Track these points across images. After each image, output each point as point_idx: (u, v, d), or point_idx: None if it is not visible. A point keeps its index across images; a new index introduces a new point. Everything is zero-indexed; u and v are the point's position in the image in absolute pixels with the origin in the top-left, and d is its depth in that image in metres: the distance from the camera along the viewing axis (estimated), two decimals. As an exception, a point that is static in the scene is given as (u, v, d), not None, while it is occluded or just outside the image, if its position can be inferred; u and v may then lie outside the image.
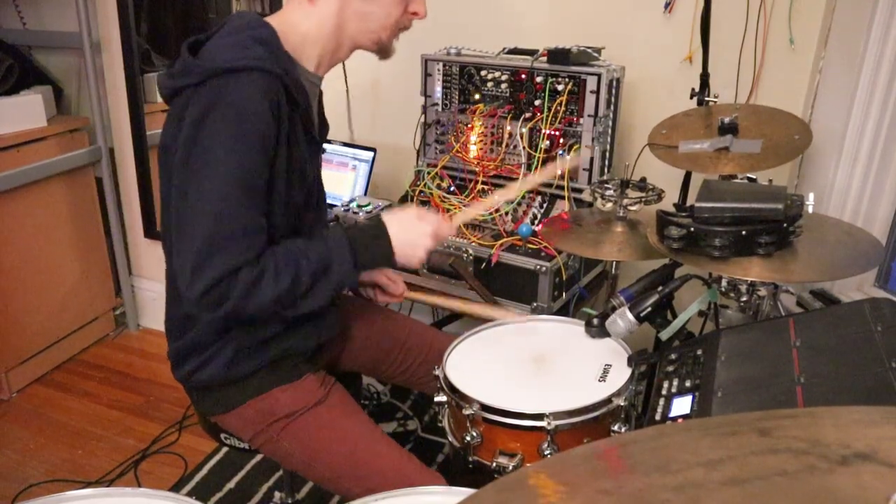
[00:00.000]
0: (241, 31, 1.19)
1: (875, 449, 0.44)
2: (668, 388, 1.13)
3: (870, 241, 1.35)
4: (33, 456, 2.25)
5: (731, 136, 1.63)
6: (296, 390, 1.35)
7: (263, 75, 1.14)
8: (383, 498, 1.01)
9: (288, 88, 1.18)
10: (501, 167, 1.98)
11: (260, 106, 1.12)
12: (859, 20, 1.69)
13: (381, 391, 2.38)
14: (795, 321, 1.14)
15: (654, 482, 0.44)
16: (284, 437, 1.33)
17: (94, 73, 2.60)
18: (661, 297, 1.27)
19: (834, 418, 0.49)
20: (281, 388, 1.35)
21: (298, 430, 1.32)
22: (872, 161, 1.75)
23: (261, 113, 1.12)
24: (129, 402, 2.53)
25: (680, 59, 2.03)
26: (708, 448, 0.47)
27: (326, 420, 1.34)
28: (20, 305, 2.56)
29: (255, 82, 1.13)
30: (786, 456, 0.44)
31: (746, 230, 1.23)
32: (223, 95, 1.11)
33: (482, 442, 1.23)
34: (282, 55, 1.19)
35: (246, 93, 1.12)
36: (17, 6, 2.79)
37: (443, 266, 1.86)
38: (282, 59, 1.18)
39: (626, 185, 1.69)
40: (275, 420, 1.32)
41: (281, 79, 1.17)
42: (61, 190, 2.67)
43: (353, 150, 2.35)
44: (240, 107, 1.11)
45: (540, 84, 1.90)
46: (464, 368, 1.34)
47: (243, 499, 2.04)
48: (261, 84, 1.13)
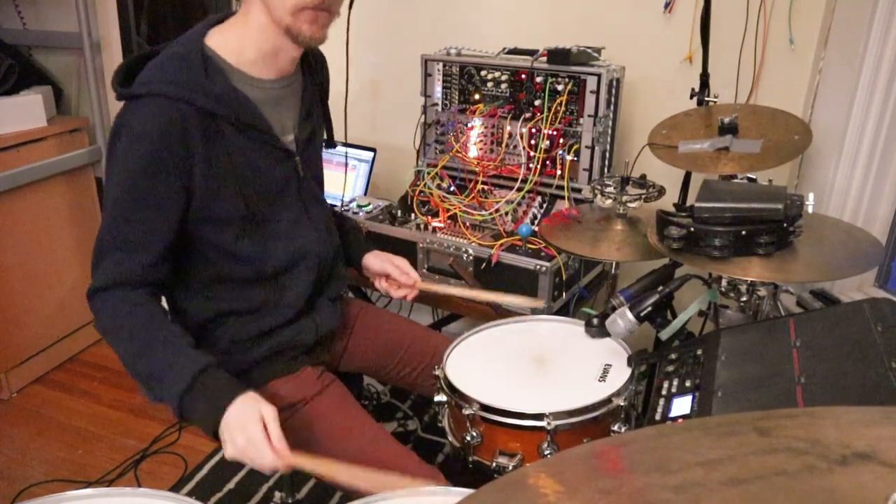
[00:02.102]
0: (170, 48, 1.23)
1: (875, 449, 0.44)
2: (668, 388, 1.13)
3: (870, 241, 1.35)
4: (33, 456, 2.25)
5: (731, 136, 1.64)
6: (294, 382, 1.36)
7: (158, 100, 1.16)
8: (383, 498, 1.01)
9: (202, 106, 1.18)
10: (501, 167, 1.98)
11: (153, 131, 1.16)
12: (859, 20, 1.68)
13: (381, 391, 2.38)
14: (795, 321, 1.14)
15: (654, 482, 0.44)
16: (284, 430, 1.33)
17: (93, 73, 2.60)
18: (661, 297, 1.27)
19: (834, 418, 0.49)
20: (278, 380, 1.36)
21: (298, 422, 1.32)
22: (872, 161, 1.75)
23: (154, 138, 1.16)
24: (129, 402, 2.53)
25: (680, 59, 2.03)
26: (708, 448, 0.47)
27: (325, 413, 1.34)
28: (20, 305, 2.56)
29: (150, 107, 1.16)
30: (785, 456, 0.44)
31: (746, 230, 1.24)
32: (125, 120, 1.18)
33: (482, 442, 1.23)
34: (196, 72, 1.19)
35: (141, 118, 1.16)
36: (17, 6, 2.79)
37: (443, 266, 1.86)
38: (195, 76, 1.19)
39: (626, 181, 1.70)
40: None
41: (188, 101, 1.17)
42: (61, 190, 2.67)
43: (352, 150, 2.35)
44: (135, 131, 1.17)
45: (540, 84, 1.89)
46: (464, 368, 1.34)
47: (243, 499, 2.04)
48: (155, 110, 1.16)
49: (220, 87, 1.21)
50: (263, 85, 1.28)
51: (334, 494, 2.03)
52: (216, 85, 1.21)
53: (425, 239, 1.86)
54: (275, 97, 1.31)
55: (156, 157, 1.16)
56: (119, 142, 1.18)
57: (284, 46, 1.26)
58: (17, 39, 2.75)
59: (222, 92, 1.21)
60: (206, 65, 1.21)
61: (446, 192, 2.01)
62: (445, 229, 1.91)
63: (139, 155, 1.16)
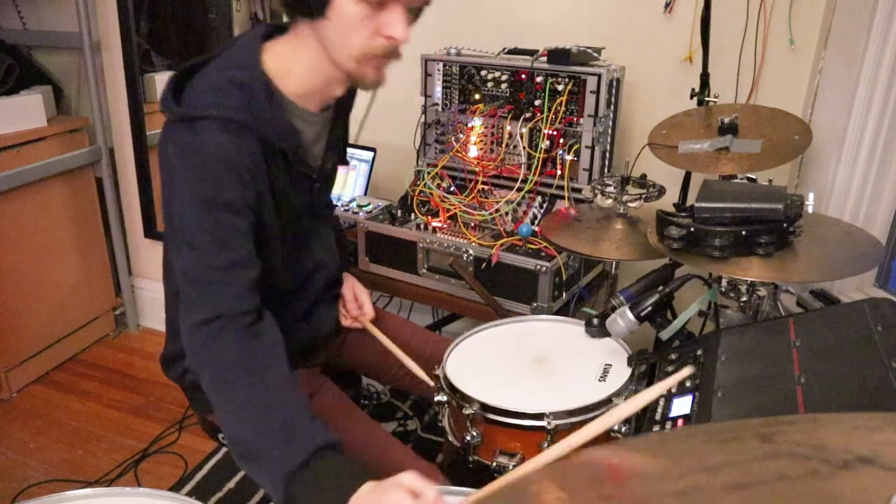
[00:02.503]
0: (227, 68, 1.14)
1: (877, 453, 0.44)
2: (669, 388, 1.13)
3: (870, 241, 1.35)
4: (33, 456, 2.25)
5: (731, 136, 1.63)
6: None
7: (227, 125, 1.09)
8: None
9: (265, 136, 1.13)
10: (501, 167, 1.98)
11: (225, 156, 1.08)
12: (859, 20, 1.68)
13: (381, 391, 2.38)
14: (795, 321, 1.14)
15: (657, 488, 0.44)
16: None
17: (93, 73, 2.60)
18: (661, 297, 1.27)
19: (836, 423, 0.49)
20: None
21: None
22: (872, 161, 1.75)
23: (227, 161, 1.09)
24: (129, 402, 2.53)
25: (680, 59, 2.03)
26: (710, 453, 0.47)
27: (319, 414, 1.34)
28: (20, 305, 2.56)
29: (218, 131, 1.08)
30: (787, 461, 0.44)
31: (746, 230, 1.24)
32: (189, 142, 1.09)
33: (482, 442, 1.23)
34: (260, 101, 1.13)
35: (209, 142, 1.08)
36: (17, 6, 2.79)
37: (443, 266, 1.86)
38: (260, 107, 1.12)
39: (626, 181, 1.70)
40: None
41: (253, 128, 1.11)
42: (61, 190, 2.67)
43: (353, 149, 2.35)
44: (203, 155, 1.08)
45: (540, 84, 1.89)
46: (464, 368, 1.34)
47: (243, 499, 2.04)
48: (225, 134, 1.08)
49: (279, 119, 1.17)
50: (308, 117, 1.24)
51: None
52: (276, 117, 1.16)
53: (425, 239, 1.87)
54: (316, 131, 1.28)
55: (233, 173, 1.09)
56: (185, 164, 1.09)
57: (336, 85, 1.21)
58: (17, 39, 2.75)
59: (281, 125, 1.17)
60: (267, 94, 1.15)
61: (446, 192, 2.01)
62: (445, 229, 1.91)
63: (217, 172, 1.09)
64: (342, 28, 1.08)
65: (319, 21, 1.09)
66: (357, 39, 1.09)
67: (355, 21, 1.07)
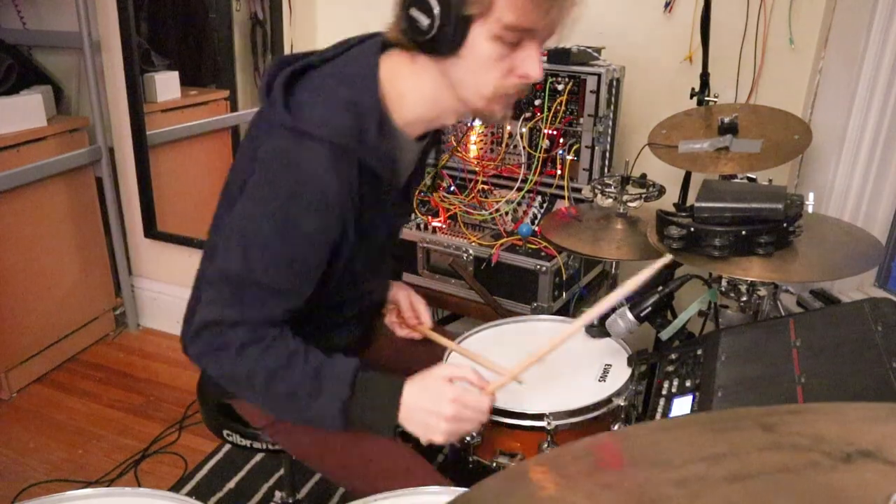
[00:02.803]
0: (343, 83, 1.09)
1: (879, 447, 0.44)
2: (669, 389, 1.13)
3: (870, 241, 1.35)
4: (33, 456, 2.25)
5: (731, 136, 1.64)
6: None
7: (334, 149, 1.04)
8: (384, 498, 1.01)
9: (366, 164, 1.09)
10: (501, 167, 1.98)
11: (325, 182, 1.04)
12: (859, 20, 1.69)
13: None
14: (795, 321, 1.14)
15: (655, 476, 0.44)
16: (278, 432, 1.32)
17: (93, 72, 2.60)
18: (661, 297, 1.27)
19: (838, 415, 0.49)
20: None
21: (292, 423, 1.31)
22: (872, 161, 1.76)
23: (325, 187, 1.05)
24: (129, 402, 2.53)
25: (680, 59, 2.03)
26: (710, 443, 0.47)
27: None
28: (20, 305, 2.56)
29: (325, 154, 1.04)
30: (789, 452, 0.44)
31: (746, 230, 1.24)
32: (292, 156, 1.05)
33: (482, 442, 1.23)
34: (372, 130, 1.07)
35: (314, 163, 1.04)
36: (17, 6, 2.79)
37: (443, 266, 1.86)
38: (371, 136, 1.07)
39: (626, 181, 1.70)
40: None
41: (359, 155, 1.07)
42: (61, 190, 2.67)
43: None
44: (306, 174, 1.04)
45: (540, 84, 1.90)
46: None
47: (243, 499, 2.04)
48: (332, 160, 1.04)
49: (386, 148, 1.12)
50: (409, 146, 1.19)
51: (335, 494, 2.03)
52: (383, 147, 1.11)
53: (425, 239, 1.87)
54: (410, 158, 1.23)
55: (322, 205, 1.05)
56: (276, 176, 1.05)
57: (451, 116, 1.15)
58: (17, 39, 2.75)
59: (386, 155, 1.12)
60: (379, 123, 1.09)
61: (446, 191, 2.01)
62: (445, 229, 1.91)
63: (307, 200, 1.04)
64: (475, 68, 1.03)
65: (448, 58, 1.04)
66: (490, 79, 1.04)
67: (489, 61, 1.02)
